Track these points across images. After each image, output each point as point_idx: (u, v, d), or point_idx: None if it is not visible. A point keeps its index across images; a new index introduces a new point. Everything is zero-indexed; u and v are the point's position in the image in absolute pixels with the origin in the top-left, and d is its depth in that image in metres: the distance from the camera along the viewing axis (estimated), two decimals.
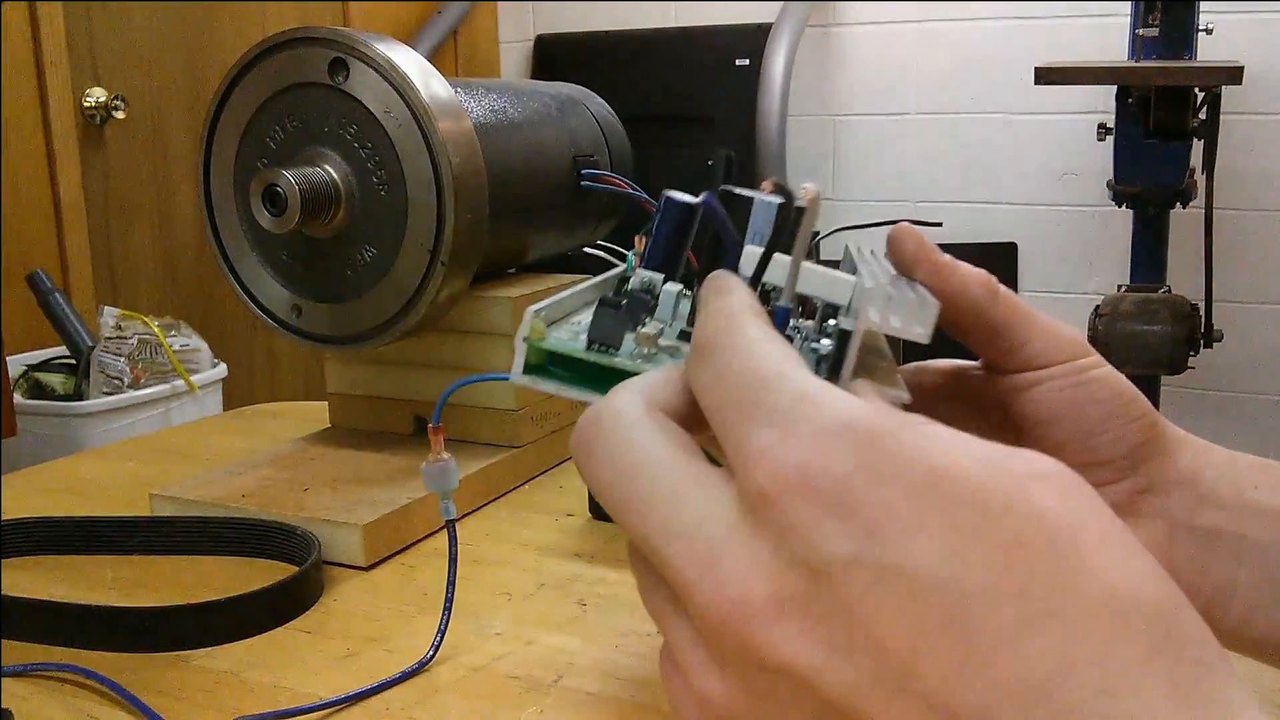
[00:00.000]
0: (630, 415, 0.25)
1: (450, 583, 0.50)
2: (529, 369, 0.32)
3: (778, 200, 0.32)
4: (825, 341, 0.32)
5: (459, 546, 0.51)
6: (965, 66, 2.42)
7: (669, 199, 0.34)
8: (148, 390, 1.60)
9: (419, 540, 0.64)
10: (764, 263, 0.30)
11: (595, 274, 0.39)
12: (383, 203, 0.66)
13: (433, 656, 0.50)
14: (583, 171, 0.80)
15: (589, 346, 0.32)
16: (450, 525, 0.50)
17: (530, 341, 0.32)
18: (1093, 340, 1.89)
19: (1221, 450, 0.37)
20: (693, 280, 0.34)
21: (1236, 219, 2.23)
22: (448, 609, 0.50)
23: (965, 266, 0.35)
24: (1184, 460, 0.36)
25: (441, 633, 0.50)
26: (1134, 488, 0.36)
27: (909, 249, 0.35)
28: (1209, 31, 1.95)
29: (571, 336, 0.33)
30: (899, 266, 0.35)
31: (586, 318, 0.34)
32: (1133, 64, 1.90)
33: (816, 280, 0.30)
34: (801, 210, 0.29)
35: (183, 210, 2.12)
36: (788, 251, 0.28)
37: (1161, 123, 1.92)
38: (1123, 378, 0.36)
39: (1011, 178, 2.42)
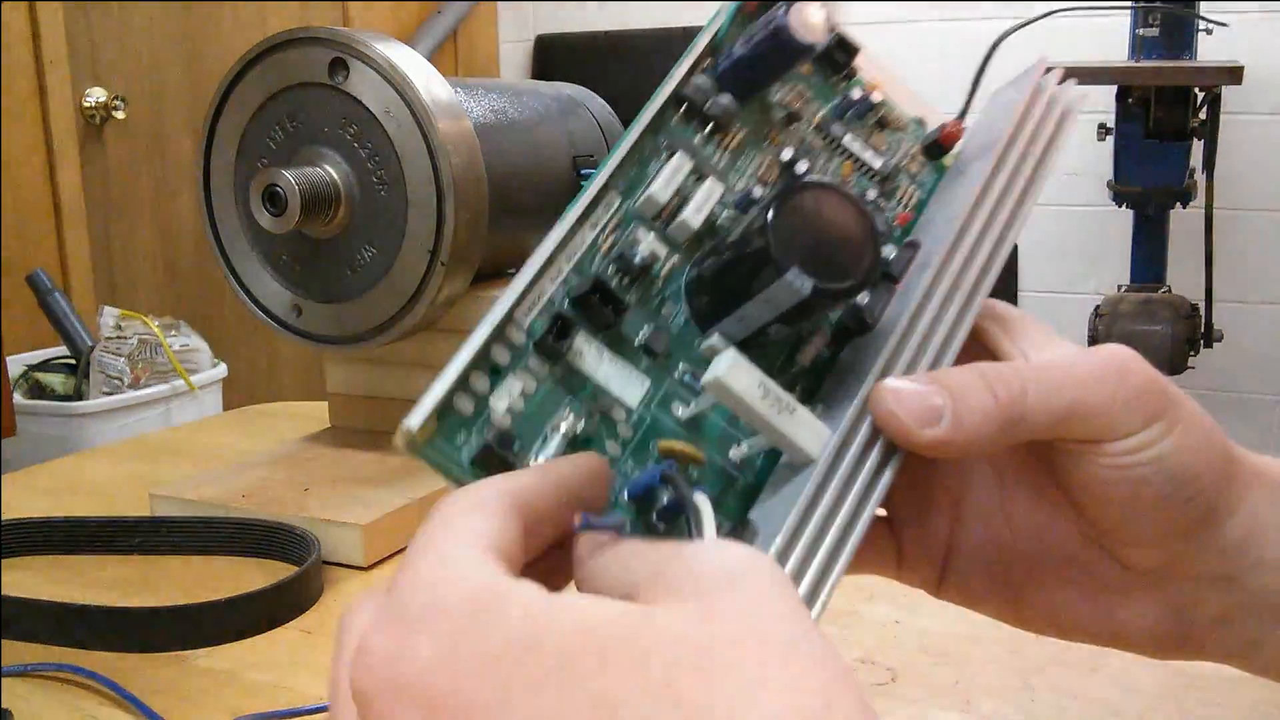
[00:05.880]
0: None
1: None
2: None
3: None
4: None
5: None
6: (963, 66, 2.42)
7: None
8: (148, 390, 1.59)
9: None
10: None
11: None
12: (383, 203, 0.66)
13: None
14: (582, 171, 0.80)
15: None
16: None
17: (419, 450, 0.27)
18: (1093, 341, 1.89)
19: None
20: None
21: (1236, 219, 2.23)
22: None
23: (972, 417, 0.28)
24: (1241, 522, 0.30)
25: None
26: (1170, 558, 0.30)
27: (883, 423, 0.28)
28: (1209, 32, 1.95)
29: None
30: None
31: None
32: (1133, 64, 1.90)
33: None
34: None
35: (183, 210, 2.12)
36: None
37: (1161, 123, 1.92)
38: (1191, 441, 0.29)
39: None
